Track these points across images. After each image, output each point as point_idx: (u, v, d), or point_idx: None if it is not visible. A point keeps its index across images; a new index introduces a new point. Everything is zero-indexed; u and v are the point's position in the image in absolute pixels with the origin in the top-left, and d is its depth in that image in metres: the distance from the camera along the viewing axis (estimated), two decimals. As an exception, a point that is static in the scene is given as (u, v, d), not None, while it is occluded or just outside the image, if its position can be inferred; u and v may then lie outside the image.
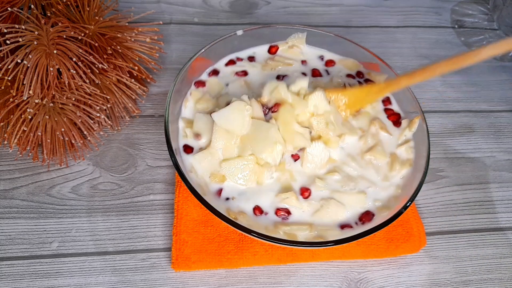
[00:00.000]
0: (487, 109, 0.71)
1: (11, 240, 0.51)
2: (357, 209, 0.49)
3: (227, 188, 0.49)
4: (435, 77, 0.48)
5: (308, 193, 0.49)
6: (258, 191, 0.49)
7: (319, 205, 0.49)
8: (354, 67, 0.62)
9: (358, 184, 0.50)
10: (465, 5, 0.88)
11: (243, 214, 0.48)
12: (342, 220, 0.48)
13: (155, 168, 0.58)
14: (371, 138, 0.54)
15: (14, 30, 0.50)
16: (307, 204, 0.49)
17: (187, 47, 0.73)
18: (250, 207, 0.48)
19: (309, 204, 0.49)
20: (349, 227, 0.48)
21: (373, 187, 0.50)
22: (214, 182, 0.49)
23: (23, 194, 0.54)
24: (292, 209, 0.48)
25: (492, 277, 0.53)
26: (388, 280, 0.52)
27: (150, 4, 0.79)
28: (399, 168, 0.52)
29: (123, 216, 0.54)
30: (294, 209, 0.48)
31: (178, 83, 0.53)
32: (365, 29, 0.81)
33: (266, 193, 0.49)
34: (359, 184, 0.50)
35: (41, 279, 0.48)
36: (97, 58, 0.54)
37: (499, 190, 0.61)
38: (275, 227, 0.47)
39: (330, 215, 0.48)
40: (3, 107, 0.52)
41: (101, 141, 0.59)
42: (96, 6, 0.56)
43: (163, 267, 0.50)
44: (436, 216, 0.58)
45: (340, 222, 0.48)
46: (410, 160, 0.53)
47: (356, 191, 0.50)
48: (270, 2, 0.83)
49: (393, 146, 0.55)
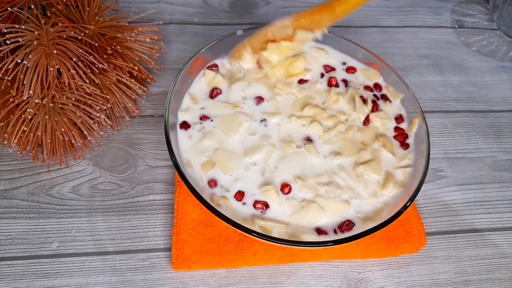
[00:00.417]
0: (487, 109, 0.71)
1: (11, 240, 0.51)
2: (337, 218, 0.48)
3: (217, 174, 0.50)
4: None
5: (288, 189, 0.49)
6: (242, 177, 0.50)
7: (300, 206, 0.48)
8: (374, 77, 0.61)
9: (344, 194, 0.49)
10: (465, 5, 0.88)
11: (225, 199, 0.48)
12: (320, 225, 0.47)
13: (155, 168, 0.58)
14: (371, 153, 0.53)
15: (14, 30, 0.50)
16: (287, 202, 0.48)
17: (187, 47, 0.73)
18: (233, 193, 0.48)
19: (290, 203, 0.48)
20: (325, 234, 0.47)
21: (358, 200, 0.49)
22: (204, 171, 0.50)
23: (23, 194, 0.54)
24: (272, 204, 0.48)
25: (492, 277, 0.53)
26: (388, 280, 0.52)
27: (150, 4, 0.79)
28: (392, 187, 0.50)
29: (123, 216, 0.54)
30: (274, 203, 0.48)
31: (178, 83, 0.53)
32: (365, 29, 0.81)
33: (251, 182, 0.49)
34: (345, 194, 0.49)
35: (41, 279, 0.48)
36: (97, 58, 0.54)
37: (499, 190, 0.61)
38: (252, 219, 0.47)
39: (309, 218, 0.47)
40: (3, 107, 0.52)
41: (101, 141, 0.59)
42: (96, 6, 0.56)
43: (163, 267, 0.50)
44: (436, 216, 0.58)
45: (317, 227, 0.47)
46: (404, 182, 0.51)
47: (341, 199, 0.49)
48: (270, 2, 0.83)
49: (392, 165, 0.53)
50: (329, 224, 0.48)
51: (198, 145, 0.52)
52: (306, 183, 0.50)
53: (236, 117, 0.55)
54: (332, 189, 0.50)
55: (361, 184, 0.50)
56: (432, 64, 0.76)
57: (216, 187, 0.49)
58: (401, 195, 0.50)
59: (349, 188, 0.50)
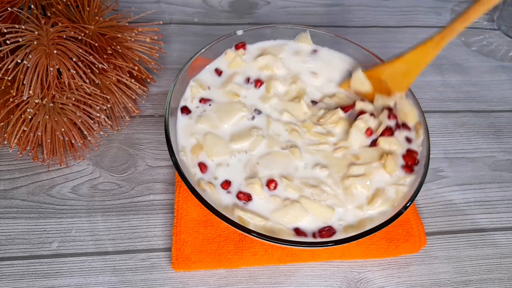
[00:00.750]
0: (487, 109, 0.71)
1: (11, 240, 0.51)
2: (319, 222, 0.47)
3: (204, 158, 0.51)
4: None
5: (274, 185, 0.49)
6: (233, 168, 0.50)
7: (283, 204, 0.48)
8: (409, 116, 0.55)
9: (329, 200, 0.48)
10: (465, 5, 0.88)
11: (212, 186, 0.48)
12: (301, 225, 0.47)
13: (155, 168, 0.58)
14: (366, 168, 0.50)
15: (14, 30, 0.50)
16: (271, 198, 0.48)
17: (187, 47, 0.73)
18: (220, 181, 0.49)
19: (273, 200, 0.48)
20: (304, 235, 0.46)
21: (343, 209, 0.48)
22: (195, 156, 0.50)
23: (23, 194, 0.54)
24: (255, 197, 0.48)
25: (492, 277, 0.53)
26: (388, 280, 0.52)
27: (150, 4, 0.79)
28: (380, 203, 0.48)
29: (123, 216, 0.54)
30: (257, 197, 0.48)
31: (178, 83, 0.53)
32: (365, 29, 0.81)
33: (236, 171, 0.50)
34: (330, 200, 0.48)
35: (41, 279, 0.48)
36: (97, 58, 0.54)
37: (499, 190, 0.61)
38: (232, 208, 0.47)
39: (290, 217, 0.47)
40: (3, 107, 0.52)
41: (101, 141, 0.59)
42: (96, 6, 0.56)
43: (163, 267, 0.50)
44: (436, 216, 0.58)
45: (296, 227, 0.46)
46: (395, 201, 0.48)
47: (326, 204, 0.48)
48: (270, 2, 0.83)
49: (385, 183, 0.50)
50: (310, 226, 0.47)
51: (191, 127, 0.53)
52: (292, 183, 0.49)
53: (234, 106, 0.55)
54: (318, 192, 0.49)
55: (348, 197, 0.49)
56: (432, 64, 0.76)
57: (206, 173, 0.49)
58: (389, 212, 0.47)
59: (335, 197, 0.49)
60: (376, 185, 0.50)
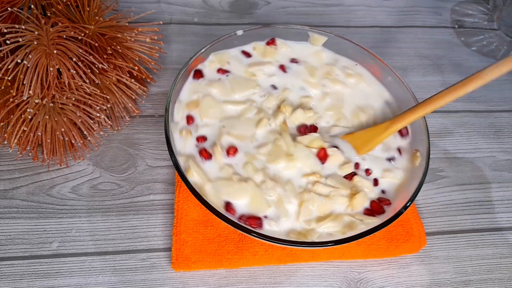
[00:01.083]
0: (487, 109, 0.71)
1: (11, 240, 0.51)
2: (253, 208, 0.47)
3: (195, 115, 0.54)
4: (442, 106, 0.48)
5: (233, 151, 0.50)
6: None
7: (232, 177, 0.49)
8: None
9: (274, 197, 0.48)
10: (465, 5, 0.88)
11: (189, 133, 0.52)
12: (234, 203, 0.47)
13: (155, 168, 0.58)
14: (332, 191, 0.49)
15: (14, 30, 0.50)
16: (225, 166, 0.50)
17: (187, 47, 0.73)
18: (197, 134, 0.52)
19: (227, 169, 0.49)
20: (231, 213, 0.46)
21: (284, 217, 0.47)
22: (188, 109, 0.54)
23: (23, 194, 0.54)
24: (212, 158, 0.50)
25: (492, 277, 0.53)
26: (388, 280, 0.52)
27: (150, 4, 0.79)
28: (331, 224, 0.47)
29: (123, 216, 0.54)
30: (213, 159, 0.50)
31: (178, 83, 0.53)
32: (365, 29, 0.81)
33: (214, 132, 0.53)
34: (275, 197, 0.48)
35: (41, 279, 0.48)
36: (97, 58, 0.54)
37: (499, 190, 0.61)
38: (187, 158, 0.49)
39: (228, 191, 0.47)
40: (3, 107, 0.52)
41: (101, 141, 0.59)
42: (96, 6, 0.56)
43: (163, 267, 0.50)
44: (436, 216, 0.58)
45: (230, 202, 0.47)
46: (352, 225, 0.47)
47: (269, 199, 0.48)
48: (270, 2, 0.83)
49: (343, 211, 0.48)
50: (242, 208, 0.47)
51: (198, 87, 0.56)
52: (252, 165, 0.49)
53: (250, 82, 0.57)
54: (271, 185, 0.48)
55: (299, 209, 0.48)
56: (432, 64, 0.76)
57: (191, 125, 0.53)
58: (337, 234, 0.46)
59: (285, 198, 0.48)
60: (333, 209, 0.48)
